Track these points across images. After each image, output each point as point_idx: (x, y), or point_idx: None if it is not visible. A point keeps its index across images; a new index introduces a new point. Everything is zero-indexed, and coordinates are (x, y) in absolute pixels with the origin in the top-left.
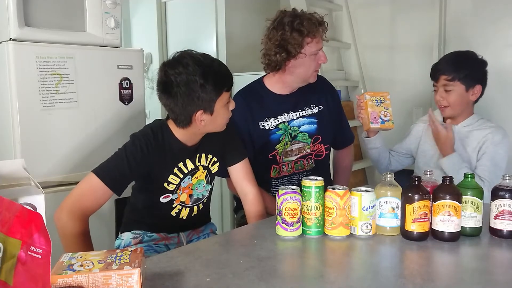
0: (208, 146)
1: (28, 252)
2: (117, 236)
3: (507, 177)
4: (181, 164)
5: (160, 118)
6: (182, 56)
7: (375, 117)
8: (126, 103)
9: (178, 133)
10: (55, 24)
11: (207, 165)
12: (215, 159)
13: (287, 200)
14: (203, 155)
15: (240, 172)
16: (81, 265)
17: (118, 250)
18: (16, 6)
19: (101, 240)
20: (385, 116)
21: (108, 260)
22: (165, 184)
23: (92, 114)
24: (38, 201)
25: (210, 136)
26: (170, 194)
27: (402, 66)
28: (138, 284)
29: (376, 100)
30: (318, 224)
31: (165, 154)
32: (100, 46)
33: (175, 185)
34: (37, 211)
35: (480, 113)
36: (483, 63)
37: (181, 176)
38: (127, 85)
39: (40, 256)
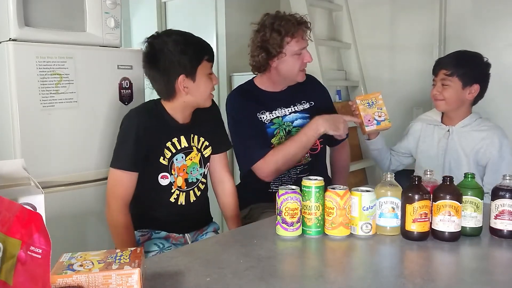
0: (199, 128)
1: (28, 252)
2: None
3: (507, 177)
4: (175, 140)
5: None
6: (166, 30)
7: (369, 120)
8: (126, 103)
9: (168, 107)
10: (55, 24)
11: (199, 147)
12: (207, 143)
13: (287, 200)
14: (196, 136)
15: (222, 161)
16: (81, 265)
17: (118, 250)
18: (16, 6)
19: (101, 240)
20: (379, 116)
21: (108, 260)
22: (161, 159)
23: (92, 114)
24: (38, 201)
25: (201, 118)
26: (167, 174)
27: (402, 65)
28: (138, 284)
29: (368, 103)
30: (318, 224)
31: (159, 126)
32: (100, 46)
33: (168, 160)
34: (37, 211)
35: (480, 113)
36: (486, 65)
37: (174, 150)
38: (127, 85)
39: (40, 256)
